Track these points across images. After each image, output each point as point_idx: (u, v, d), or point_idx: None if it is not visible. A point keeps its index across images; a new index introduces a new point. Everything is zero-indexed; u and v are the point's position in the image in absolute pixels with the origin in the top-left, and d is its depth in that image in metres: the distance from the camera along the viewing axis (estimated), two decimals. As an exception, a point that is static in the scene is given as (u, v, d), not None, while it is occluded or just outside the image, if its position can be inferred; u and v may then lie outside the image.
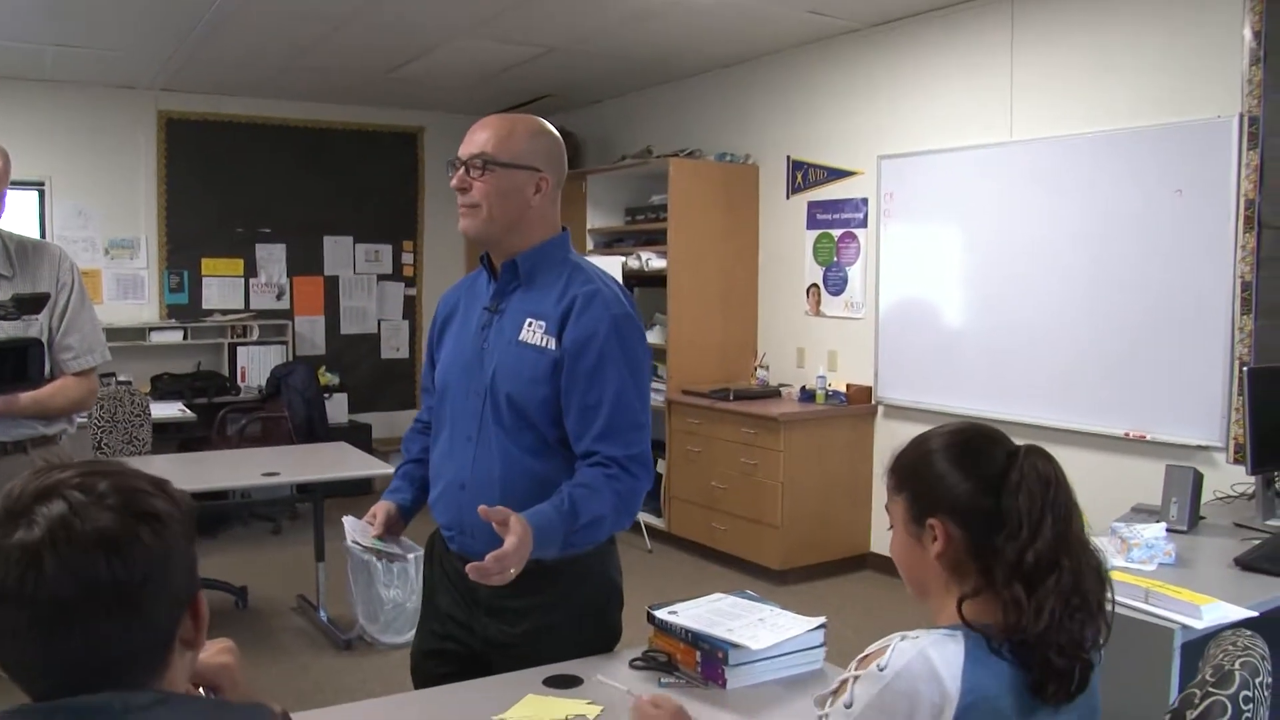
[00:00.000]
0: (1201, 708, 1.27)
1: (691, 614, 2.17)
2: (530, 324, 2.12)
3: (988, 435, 1.45)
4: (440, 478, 2.24)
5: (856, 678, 1.34)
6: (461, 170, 2.13)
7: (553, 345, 2.09)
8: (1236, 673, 1.27)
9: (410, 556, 2.25)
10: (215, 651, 1.24)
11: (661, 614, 2.17)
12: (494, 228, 2.14)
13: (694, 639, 2.08)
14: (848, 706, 1.33)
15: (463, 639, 2.23)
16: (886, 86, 5.76)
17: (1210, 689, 1.28)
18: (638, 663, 2.13)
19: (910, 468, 1.50)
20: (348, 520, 2.25)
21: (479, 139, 2.13)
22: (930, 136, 5.49)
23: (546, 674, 2.06)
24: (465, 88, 7.37)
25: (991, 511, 1.36)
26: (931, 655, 1.29)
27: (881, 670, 1.30)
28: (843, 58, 6.02)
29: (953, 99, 5.38)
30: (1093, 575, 1.37)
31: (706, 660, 2.05)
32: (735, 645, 2.01)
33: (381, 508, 2.27)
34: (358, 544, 2.19)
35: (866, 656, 1.35)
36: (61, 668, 0.97)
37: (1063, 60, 4.85)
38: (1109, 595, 1.38)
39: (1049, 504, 1.34)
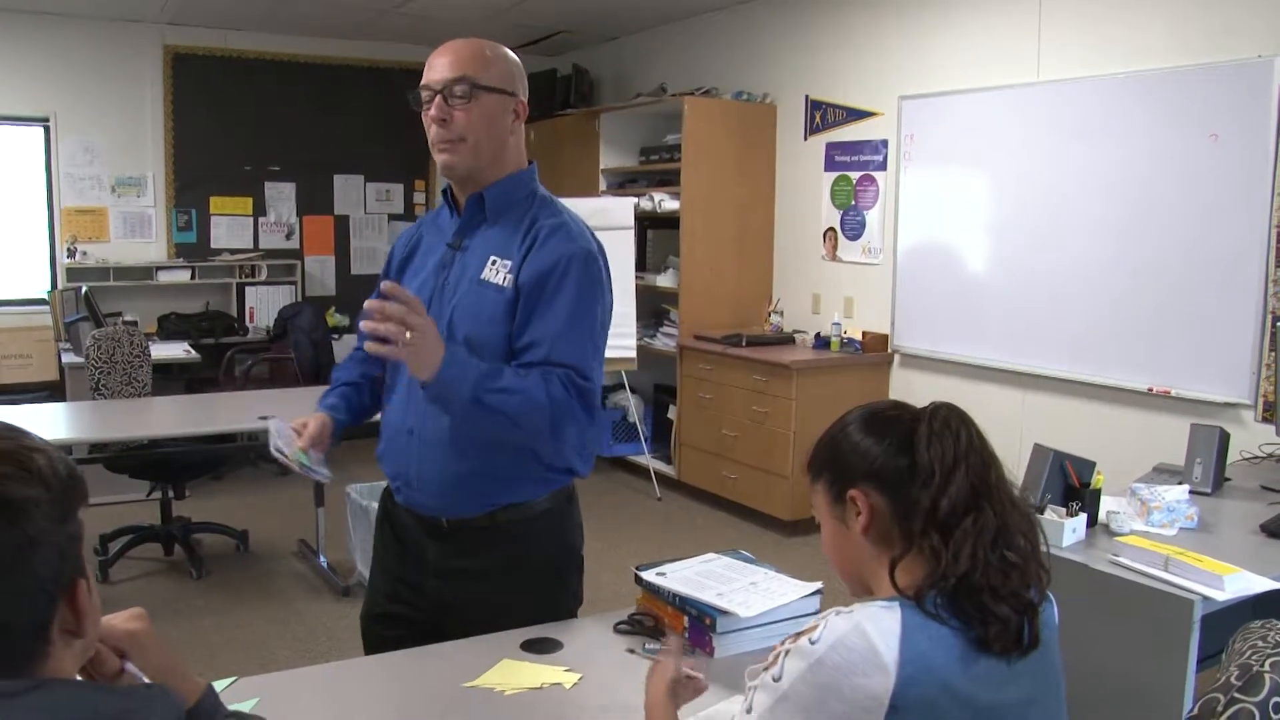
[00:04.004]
0: (1225, 715, 1.14)
1: (681, 576, 2.05)
2: (494, 262, 1.98)
3: (897, 404, 1.43)
4: (388, 427, 2.09)
5: (788, 651, 1.27)
6: (440, 99, 1.92)
7: (510, 283, 1.94)
8: (1267, 676, 1.14)
9: (327, 475, 2.06)
10: (125, 618, 1.15)
11: (649, 575, 2.05)
12: (481, 161, 1.98)
13: (681, 603, 1.97)
14: (776, 680, 1.27)
15: (411, 601, 2.11)
16: (909, 24, 5.53)
17: (1236, 694, 1.14)
18: (623, 626, 2.02)
19: (825, 450, 1.46)
20: (272, 424, 2.03)
21: (454, 61, 1.93)
22: (954, 76, 5.27)
23: (524, 637, 1.95)
24: (477, 22, 7.15)
25: (907, 470, 1.33)
26: (868, 629, 1.22)
27: (813, 644, 1.24)
28: (865, -7, 5.79)
29: (978, 37, 5.15)
30: (1021, 520, 1.32)
31: (694, 626, 1.94)
32: (724, 612, 1.90)
33: (315, 419, 2.08)
34: (281, 452, 2.00)
35: (800, 632, 1.28)
36: None
37: (1095, -5, 4.62)
38: (1042, 539, 1.34)
39: (961, 453, 1.31)
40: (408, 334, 1.72)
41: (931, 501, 1.29)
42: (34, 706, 0.88)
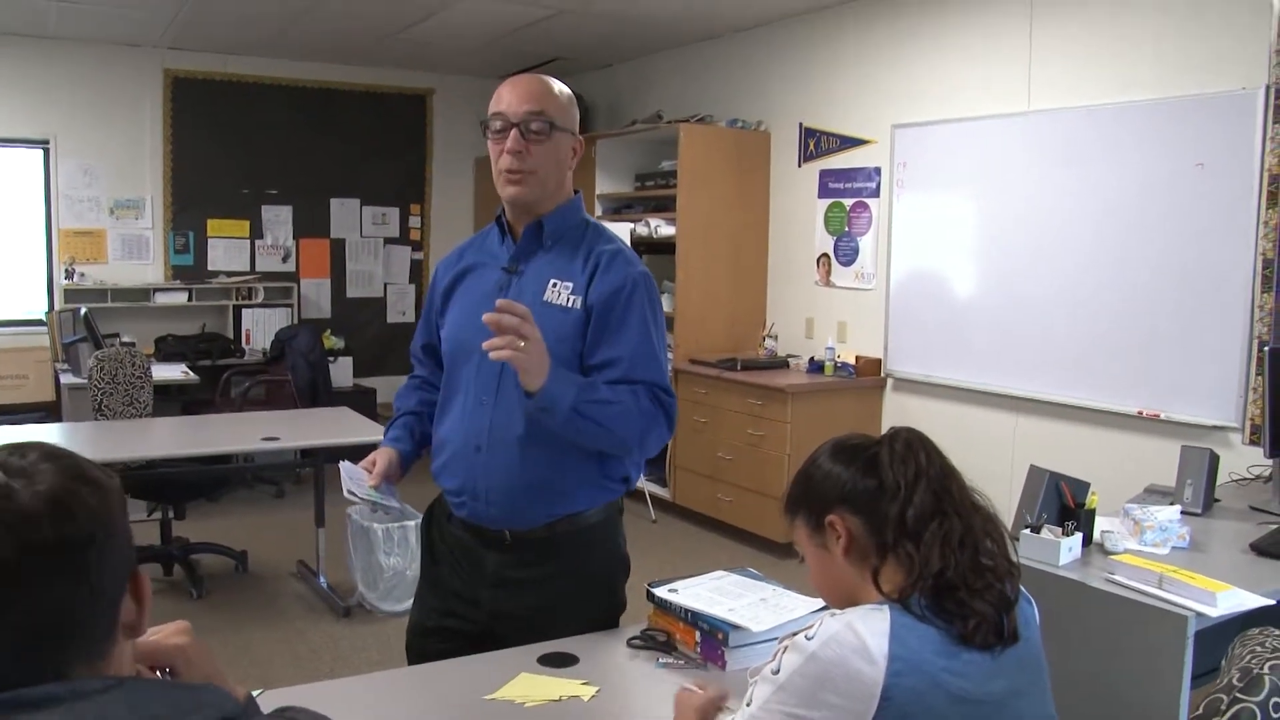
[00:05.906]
0: (1229, 715, 1.21)
1: (692, 592, 2.11)
2: (555, 285, 2.08)
3: (860, 434, 1.56)
4: (449, 444, 2.16)
5: (785, 648, 1.38)
6: (516, 132, 2.02)
7: (578, 304, 2.05)
8: (1266, 678, 1.21)
9: (399, 508, 2.18)
10: (170, 632, 1.21)
11: (661, 592, 2.11)
12: (545, 194, 2.10)
13: (693, 618, 2.03)
14: (775, 673, 1.37)
15: (466, 614, 2.17)
16: (902, 53, 5.64)
17: (1238, 694, 1.21)
18: (635, 641, 2.08)
19: (799, 486, 1.56)
20: (344, 465, 2.18)
21: (531, 95, 2.04)
22: (946, 105, 5.38)
23: (541, 652, 2.01)
24: (475, 49, 7.26)
25: (875, 489, 1.45)
26: (858, 627, 1.32)
27: (809, 640, 1.34)
28: (858, 23, 5.89)
29: (970, 67, 5.26)
30: (985, 521, 1.44)
31: (706, 641, 2.00)
32: (736, 626, 1.96)
33: (382, 455, 2.21)
34: (354, 494, 2.13)
35: (797, 631, 1.39)
36: (6, 637, 0.92)
37: (1083, 28, 4.72)
38: (1006, 539, 1.45)
39: (922, 468, 1.44)
40: (521, 343, 1.83)
41: (899, 513, 1.42)
42: (120, 701, 0.93)
